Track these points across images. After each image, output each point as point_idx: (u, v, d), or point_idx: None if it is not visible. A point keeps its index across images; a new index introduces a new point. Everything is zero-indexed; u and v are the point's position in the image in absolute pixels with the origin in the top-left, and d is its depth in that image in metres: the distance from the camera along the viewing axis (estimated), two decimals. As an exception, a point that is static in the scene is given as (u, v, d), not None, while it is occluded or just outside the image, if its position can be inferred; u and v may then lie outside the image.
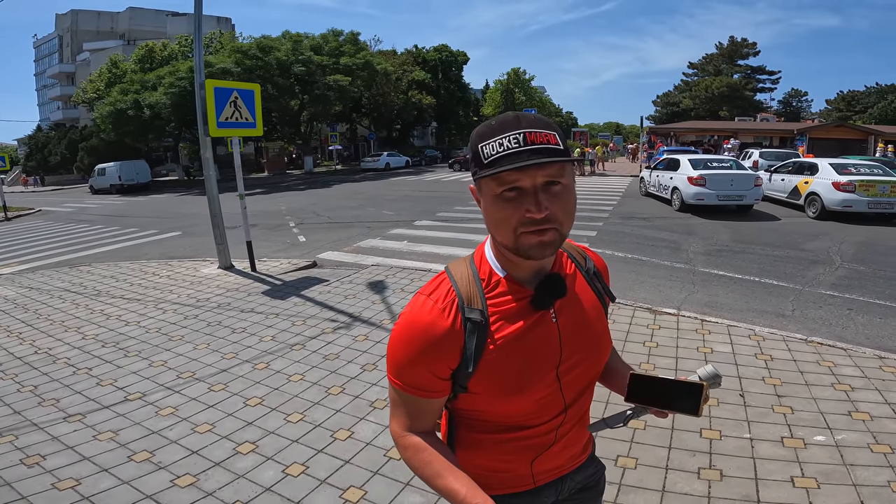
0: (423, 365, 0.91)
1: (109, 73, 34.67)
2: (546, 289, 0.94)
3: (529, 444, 1.01)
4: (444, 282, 0.96)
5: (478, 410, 0.99)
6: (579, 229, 9.28)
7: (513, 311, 0.93)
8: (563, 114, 66.34)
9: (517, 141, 0.83)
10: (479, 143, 0.86)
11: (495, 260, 0.96)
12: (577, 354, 0.99)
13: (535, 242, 0.86)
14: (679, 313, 4.65)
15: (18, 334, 4.88)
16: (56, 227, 14.54)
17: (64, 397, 3.51)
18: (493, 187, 0.85)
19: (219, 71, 25.37)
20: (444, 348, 0.90)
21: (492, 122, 0.87)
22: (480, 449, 1.02)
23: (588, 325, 1.01)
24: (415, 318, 0.92)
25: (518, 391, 0.94)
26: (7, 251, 10.90)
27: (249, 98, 5.98)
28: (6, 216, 18.42)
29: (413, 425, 0.96)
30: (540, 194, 0.84)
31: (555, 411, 1.00)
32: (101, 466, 2.69)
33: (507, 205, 0.85)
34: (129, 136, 30.30)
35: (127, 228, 13.01)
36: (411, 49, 46.39)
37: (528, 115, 0.88)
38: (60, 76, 54.67)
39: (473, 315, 0.91)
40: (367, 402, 3.28)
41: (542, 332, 0.95)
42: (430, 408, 0.96)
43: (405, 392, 0.94)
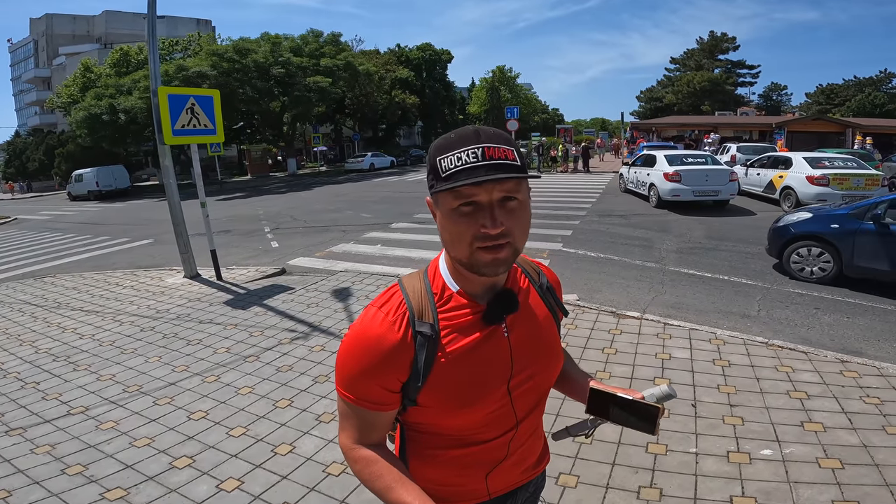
0: (373, 378, 0.91)
1: (83, 77, 34.01)
2: (498, 304, 0.94)
3: (482, 459, 1.01)
4: (395, 294, 0.95)
5: (428, 424, 0.98)
6: (555, 228, 9.26)
7: (464, 326, 0.93)
8: (549, 110, 66.51)
9: (475, 155, 0.83)
10: (438, 157, 0.85)
11: (449, 274, 0.96)
12: (529, 369, 0.99)
13: (489, 260, 0.85)
14: (643, 317, 4.61)
15: None
16: (28, 237, 14.22)
17: (8, 412, 3.46)
18: (450, 201, 0.85)
19: (195, 74, 24.98)
20: (394, 361, 0.90)
21: (451, 136, 0.87)
22: (433, 463, 1.01)
23: (540, 340, 1.02)
24: (365, 330, 0.91)
25: (467, 405, 0.94)
26: (-27, 262, 10.61)
27: (208, 104, 5.84)
28: (-22, 226, 18.01)
29: (363, 438, 0.95)
30: (496, 210, 0.84)
31: (506, 426, 1.00)
32: (34, 479, 2.66)
33: (463, 219, 0.85)
34: (105, 142, 29.79)
35: (99, 237, 12.74)
36: (394, 48, 46.20)
37: (487, 129, 0.87)
38: (36, 81, 53.63)
39: (424, 328, 0.91)
40: (314, 415, 3.19)
41: (493, 347, 0.95)
42: (380, 421, 0.95)
43: (354, 405, 0.93)
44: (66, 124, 35.27)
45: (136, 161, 38.64)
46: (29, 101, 55.19)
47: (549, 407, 3.04)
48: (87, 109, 27.89)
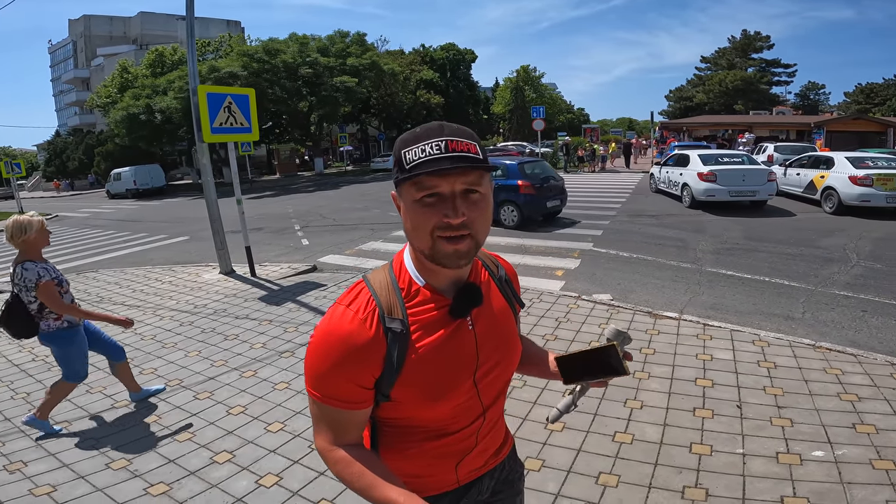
0: (346, 376, 0.91)
1: (121, 78, 35.20)
2: (464, 298, 0.96)
3: (452, 450, 1.04)
4: (362, 291, 0.95)
5: (400, 418, 1.00)
6: (585, 228, 9.11)
7: (432, 321, 0.95)
8: (574, 110, 65.66)
9: (438, 148, 0.85)
10: (403, 149, 0.88)
11: (414, 269, 0.97)
12: (492, 359, 1.02)
13: (450, 251, 0.87)
14: (681, 317, 4.49)
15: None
16: (69, 234, 14.78)
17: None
18: (413, 192, 0.86)
19: (226, 75, 25.56)
20: (366, 358, 0.90)
21: (416, 130, 0.89)
22: (405, 456, 1.03)
23: (502, 331, 1.05)
24: (335, 329, 0.91)
25: (438, 398, 0.96)
26: (20, 257, 11.08)
27: (244, 103, 5.96)
28: (23, 222, 18.78)
29: (339, 439, 0.95)
30: (458, 200, 0.86)
31: (473, 416, 1.03)
32: (79, 474, 2.71)
33: (426, 210, 0.86)
34: (142, 141, 30.75)
35: (137, 234, 13.16)
36: (418, 48, 46.40)
37: (451, 125, 0.89)
38: (76, 81, 55.30)
39: (394, 325, 0.92)
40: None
41: (460, 340, 0.97)
42: (355, 419, 0.95)
43: (328, 405, 0.93)
44: (105, 124, 36.54)
45: (170, 160, 39.79)
46: (69, 101, 57.07)
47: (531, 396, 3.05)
48: (124, 109, 28.87)
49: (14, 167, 19.74)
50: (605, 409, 3.06)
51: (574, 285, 5.83)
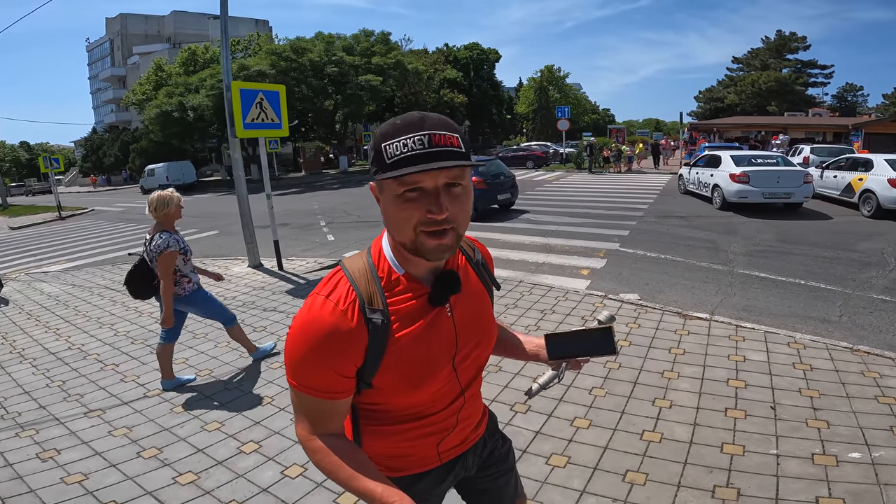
0: (328, 368, 0.91)
1: (155, 76, 36.18)
2: (442, 286, 0.96)
3: (433, 430, 1.06)
4: (341, 281, 0.94)
5: (381, 403, 1.01)
6: (610, 228, 8.98)
7: (412, 309, 0.95)
8: (599, 110, 64.70)
9: (421, 143, 0.83)
10: (383, 143, 0.85)
11: (393, 257, 0.96)
12: (470, 343, 1.04)
13: (433, 245, 0.87)
14: (711, 318, 4.38)
15: (56, 330, 5.11)
16: (104, 227, 15.31)
17: (88, 392, 3.64)
18: (395, 187, 0.85)
19: (255, 73, 26.04)
20: (347, 349, 0.90)
21: (396, 121, 0.87)
22: (387, 438, 1.05)
23: (479, 315, 1.06)
24: (314, 320, 0.90)
25: (419, 384, 0.97)
26: (57, 249, 11.53)
27: (275, 99, 6.07)
28: (60, 216, 19.57)
29: (320, 428, 0.96)
30: (441, 195, 0.85)
31: (452, 397, 1.05)
32: (111, 462, 2.77)
33: (409, 205, 0.85)
34: (175, 138, 31.59)
35: (169, 227, 13.52)
36: (442, 48, 46.44)
37: (432, 116, 0.87)
38: (112, 79, 56.83)
39: (375, 316, 0.91)
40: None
41: (439, 328, 0.98)
42: (337, 409, 0.96)
43: (309, 395, 0.93)
44: (140, 121, 37.64)
45: (201, 157, 40.80)
46: (105, 98, 58.83)
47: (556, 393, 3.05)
48: (158, 107, 29.70)
49: (53, 162, 20.51)
50: (633, 408, 3.02)
51: (600, 284, 5.75)
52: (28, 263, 9.83)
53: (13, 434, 3.12)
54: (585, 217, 10.38)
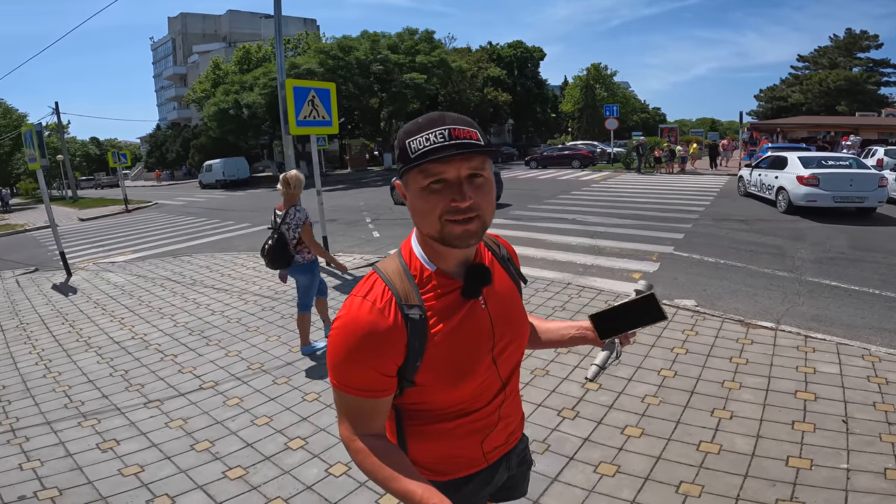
0: (369, 366, 0.93)
1: (214, 74, 37.76)
2: (474, 278, 0.99)
3: (477, 427, 1.06)
4: (377, 282, 0.97)
5: (424, 402, 1.02)
6: (664, 231, 8.61)
7: (447, 303, 0.97)
8: (649, 109, 62.35)
9: (443, 136, 0.88)
10: (407, 140, 0.90)
11: (424, 255, 0.99)
12: (507, 336, 1.06)
13: (460, 232, 0.90)
14: (777, 327, 4.10)
15: (120, 319, 5.41)
16: (166, 220, 16.17)
17: (148, 383, 3.79)
18: (420, 180, 0.90)
19: (305, 71, 26.75)
20: (388, 347, 0.92)
21: (419, 120, 0.92)
22: (432, 439, 1.05)
23: (512, 308, 1.09)
24: (355, 320, 0.93)
25: (462, 378, 0.98)
26: (123, 241, 12.27)
27: (326, 96, 6.17)
28: (126, 208, 20.85)
29: (363, 428, 0.97)
30: (464, 185, 0.89)
31: (494, 391, 1.07)
32: (166, 454, 2.84)
33: (433, 196, 0.90)
34: (230, 135, 32.96)
35: (225, 222, 14.13)
36: (486, 46, 46.10)
37: (451, 114, 0.93)
38: (174, 77, 59.24)
39: (413, 312, 0.94)
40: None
41: (476, 320, 1.00)
42: (379, 408, 0.98)
43: (353, 396, 0.95)
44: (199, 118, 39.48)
45: (254, 153, 42.41)
46: (168, 96, 61.55)
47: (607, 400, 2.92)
48: (216, 104, 31.08)
49: (121, 158, 21.88)
50: (690, 418, 2.87)
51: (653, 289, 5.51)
52: (96, 253, 10.51)
53: (76, 423, 3.25)
54: (636, 219, 9.99)
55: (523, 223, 10.07)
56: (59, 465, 2.80)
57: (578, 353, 3.80)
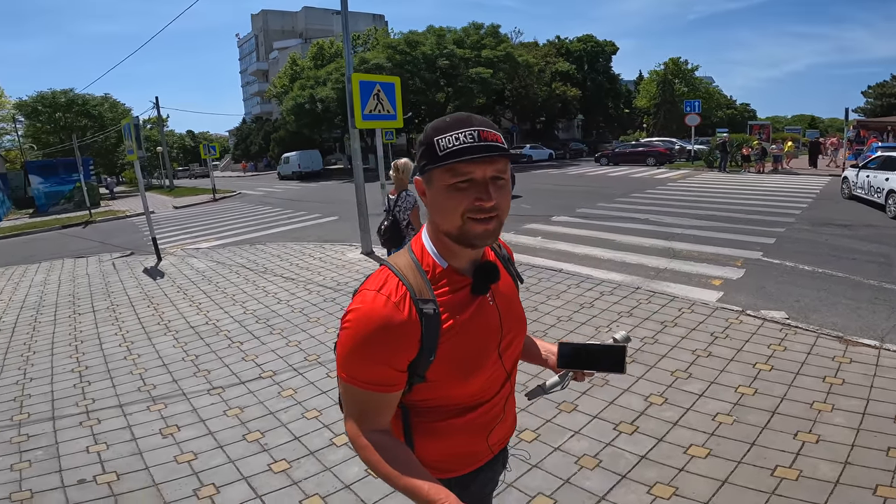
0: (383, 360, 0.93)
1: (291, 69, 39.66)
2: (483, 275, 1.01)
3: (485, 421, 1.08)
4: (390, 276, 0.97)
5: (433, 398, 1.02)
6: (751, 235, 7.86)
7: (458, 299, 0.99)
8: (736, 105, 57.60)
9: (472, 137, 0.90)
10: (436, 137, 0.92)
11: (436, 251, 1.00)
12: (512, 331, 1.10)
13: (481, 231, 0.93)
14: (882, 346, 3.58)
15: (198, 305, 5.75)
16: (247, 209, 17.22)
17: (214, 369, 3.94)
18: (447, 178, 0.91)
19: (373, 66, 27.45)
20: (402, 341, 0.93)
21: (446, 119, 0.94)
22: (440, 436, 1.06)
23: (515, 304, 1.13)
24: (370, 313, 0.92)
25: (472, 373, 1.01)
26: (208, 228, 13.20)
27: (390, 91, 6.21)
28: (214, 198, 22.47)
29: (370, 424, 0.97)
30: (489, 185, 0.91)
31: (500, 383, 1.10)
32: (219, 443, 2.91)
33: (459, 194, 0.91)
34: (306, 128, 34.57)
35: (298, 212, 14.81)
36: (554, 40, 44.80)
37: (478, 116, 0.95)
38: (257, 73, 62.65)
39: (427, 307, 0.94)
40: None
41: (485, 315, 1.03)
42: (387, 403, 0.98)
43: (364, 389, 0.95)
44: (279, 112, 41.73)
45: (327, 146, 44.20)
46: (252, 91, 65.47)
47: (672, 415, 2.65)
48: (293, 99, 32.71)
49: (210, 150, 23.62)
50: (767, 440, 2.58)
51: (736, 298, 5.02)
52: (184, 239, 11.38)
53: (145, 407, 3.40)
54: (718, 220, 9.22)
55: (591, 222, 9.63)
56: (123, 448, 2.91)
57: (644, 363, 3.53)
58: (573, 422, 2.90)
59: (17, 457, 2.90)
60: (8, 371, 4.23)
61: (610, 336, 1.15)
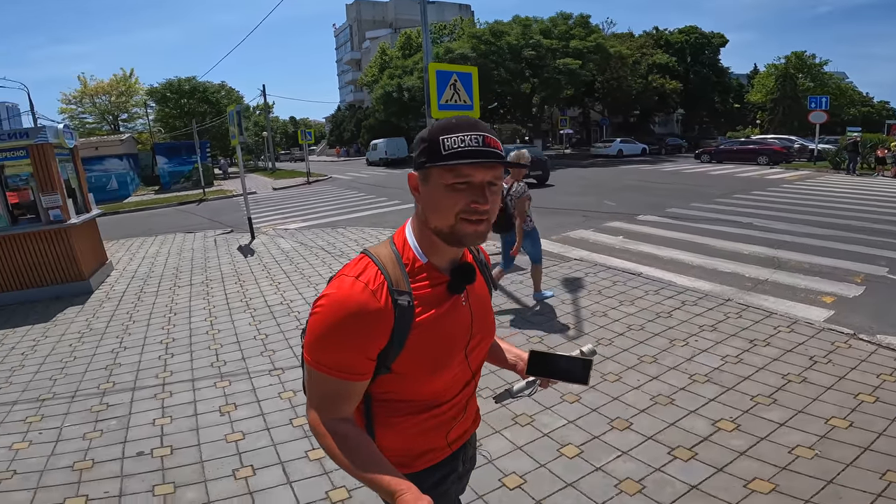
0: (353, 347, 0.93)
1: (381, 59, 41.26)
2: (460, 275, 1.03)
3: (444, 420, 1.10)
4: (370, 265, 0.98)
5: (397, 391, 1.03)
6: (875, 247, 6.78)
7: (433, 296, 1.00)
8: (872, 102, 50.08)
9: (478, 141, 0.92)
10: (442, 136, 0.93)
11: (418, 246, 1.02)
12: (480, 333, 1.11)
13: (471, 231, 0.95)
14: None
15: (277, 284, 6.10)
16: (334, 193, 18.12)
17: (279, 350, 4.10)
18: (448, 177, 0.93)
19: (458, 56, 27.61)
20: (376, 329, 0.93)
21: (452, 120, 0.95)
22: (400, 430, 1.06)
23: (485, 307, 1.14)
24: (346, 299, 0.93)
25: (437, 370, 1.02)
26: (299, 210, 14.04)
27: (467, 80, 6.15)
28: (308, 181, 23.91)
29: (333, 412, 0.97)
30: (486, 189, 0.94)
31: (463, 383, 1.11)
32: (268, 425, 2.95)
33: (456, 194, 0.93)
34: (393, 116, 35.85)
35: (380, 197, 15.30)
36: (651, 31, 41.82)
37: (484, 123, 0.96)
38: (351, 62, 66.22)
39: (402, 298, 0.95)
40: (526, 414, 2.96)
41: (457, 315, 1.04)
42: (353, 391, 0.98)
43: (332, 376, 0.95)
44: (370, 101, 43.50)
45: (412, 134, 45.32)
46: (346, 80, 69.27)
47: (741, 444, 2.32)
48: (382, 88, 34.05)
49: (306, 135, 25.17)
50: (848, 478, 2.28)
51: (849, 319, 4.35)
52: (277, 220, 12.20)
53: (212, 383, 3.55)
54: (838, 229, 8.07)
55: (682, 223, 8.88)
56: (184, 423, 3.02)
57: (720, 384, 3.16)
58: (624, 441, 2.67)
59: (92, 426, 3.07)
60: (107, 339, 4.61)
61: (578, 348, 1.20)
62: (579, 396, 3.09)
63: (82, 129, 37.12)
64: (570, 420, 2.84)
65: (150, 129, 39.62)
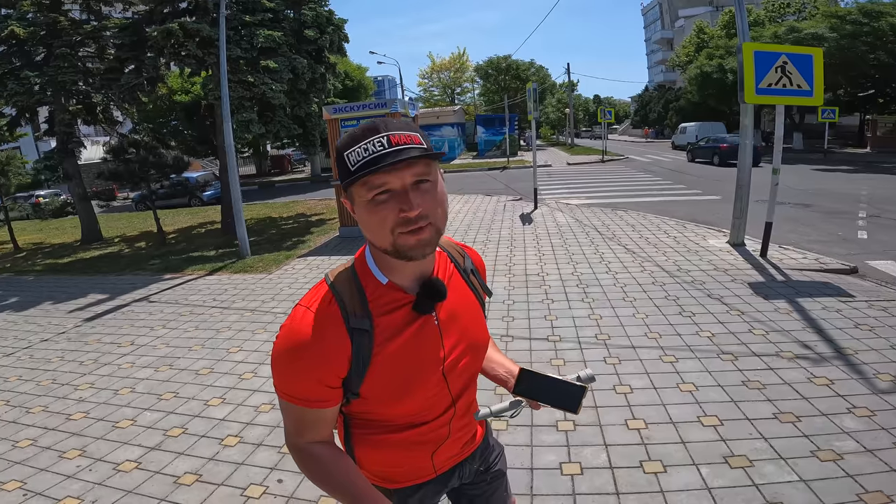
0: (311, 377, 0.91)
1: (697, 38, 37.52)
2: (427, 293, 0.95)
3: (426, 440, 1.05)
4: (325, 292, 0.95)
5: (371, 412, 1.00)
6: None
7: (397, 318, 0.95)
8: None
9: (381, 144, 0.84)
10: (344, 152, 0.87)
11: (376, 267, 0.96)
12: (458, 350, 1.02)
13: (413, 242, 0.87)
14: None
15: (541, 255, 6.42)
16: (627, 174, 17.43)
17: (517, 318, 4.41)
18: (364, 193, 0.87)
19: (808, 36, 22.79)
20: (330, 359, 0.90)
21: (355, 132, 0.88)
22: (380, 448, 1.04)
23: (467, 322, 1.04)
24: (296, 330, 0.91)
25: (407, 393, 0.97)
26: (586, 186, 14.16)
27: (806, 63, 5.05)
28: (602, 159, 23.64)
29: (307, 436, 0.97)
30: (410, 193, 0.85)
31: (443, 406, 1.04)
32: None
33: (381, 208, 0.86)
34: (711, 99, 31.90)
35: (677, 185, 13.91)
36: None
37: (391, 120, 0.88)
38: (661, 42, 61.53)
39: (357, 324, 0.91)
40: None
41: (426, 336, 0.97)
42: (324, 417, 0.96)
43: (296, 405, 0.94)
44: (682, 81, 39.55)
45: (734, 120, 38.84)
46: (656, 60, 64.66)
47: None
48: (699, 68, 30.81)
49: (606, 114, 24.69)
50: None
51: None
52: (562, 193, 12.65)
53: None
54: None
55: None
56: None
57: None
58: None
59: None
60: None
61: (579, 372, 1.08)
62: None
63: (431, 100, 46.46)
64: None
65: (475, 102, 46.27)
